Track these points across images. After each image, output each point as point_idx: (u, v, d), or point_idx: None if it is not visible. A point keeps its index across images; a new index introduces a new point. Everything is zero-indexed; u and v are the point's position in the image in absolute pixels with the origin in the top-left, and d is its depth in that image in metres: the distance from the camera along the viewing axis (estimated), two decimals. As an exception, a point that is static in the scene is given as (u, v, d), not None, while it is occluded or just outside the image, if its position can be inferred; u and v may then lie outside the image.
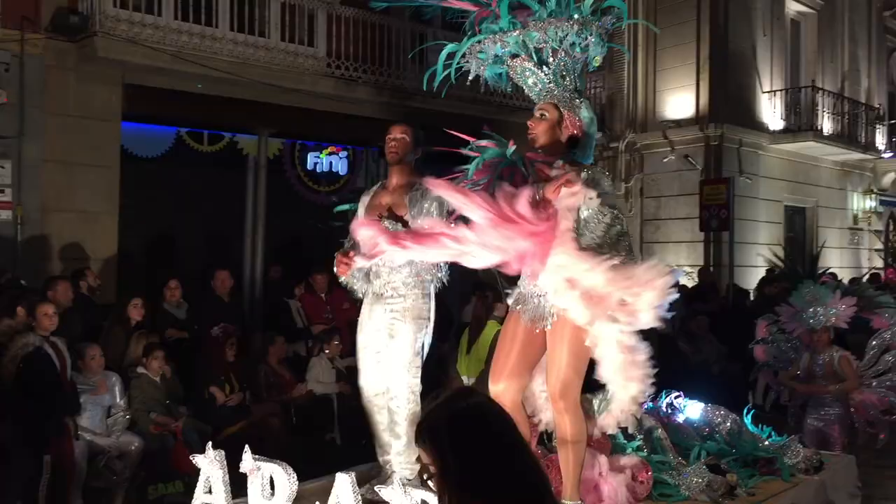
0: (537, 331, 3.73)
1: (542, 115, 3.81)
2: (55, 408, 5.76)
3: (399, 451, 4.22)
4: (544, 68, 3.89)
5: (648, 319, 3.49)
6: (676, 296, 3.55)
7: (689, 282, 14.88)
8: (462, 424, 1.91)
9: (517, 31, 3.89)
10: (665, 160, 16.30)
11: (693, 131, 15.98)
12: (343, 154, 11.55)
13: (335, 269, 4.40)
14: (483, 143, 4.09)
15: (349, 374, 7.65)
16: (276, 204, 10.87)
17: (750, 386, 7.47)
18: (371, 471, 4.47)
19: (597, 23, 3.90)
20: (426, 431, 1.95)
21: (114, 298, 9.16)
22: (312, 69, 10.50)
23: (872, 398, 6.30)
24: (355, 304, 4.67)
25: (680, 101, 16.30)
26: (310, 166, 11.30)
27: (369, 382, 4.38)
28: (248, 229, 10.66)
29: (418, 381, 4.23)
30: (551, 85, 3.86)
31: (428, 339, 4.30)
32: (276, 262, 10.19)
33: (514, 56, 3.99)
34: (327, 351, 7.83)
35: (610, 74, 16.72)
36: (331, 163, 11.44)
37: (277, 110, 10.37)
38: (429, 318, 4.27)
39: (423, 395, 4.27)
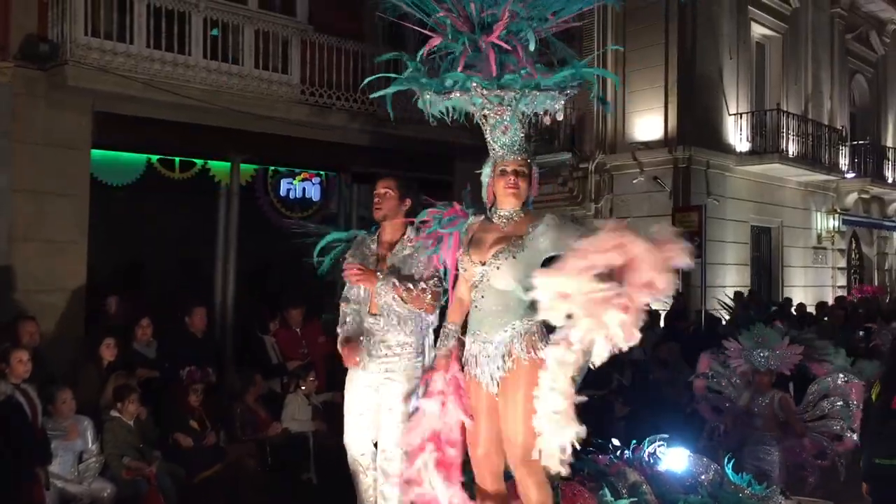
0: (495, 396, 3.70)
1: (523, 171, 3.77)
2: (26, 458, 5.62)
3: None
4: (522, 121, 3.84)
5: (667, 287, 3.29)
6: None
7: (661, 305, 15.04)
8: None
9: (507, 92, 3.80)
10: (634, 181, 16.45)
11: (662, 153, 16.16)
12: (316, 180, 11.48)
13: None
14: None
15: (325, 411, 7.59)
16: (249, 230, 10.76)
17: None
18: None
19: (571, 86, 3.87)
20: None
21: (83, 329, 9.02)
22: (286, 96, 10.42)
23: (805, 442, 6.49)
24: (329, 338, 4.63)
25: (649, 123, 16.47)
26: (283, 193, 11.22)
27: (355, 441, 4.33)
28: (219, 256, 10.53)
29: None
30: (524, 141, 3.82)
31: (419, 393, 4.21)
32: (248, 291, 10.09)
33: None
34: (303, 387, 7.75)
35: (579, 96, 16.82)
36: (304, 189, 11.36)
37: (250, 137, 10.27)
38: (420, 376, 4.21)
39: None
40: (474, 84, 3.76)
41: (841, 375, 6.76)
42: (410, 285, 4.09)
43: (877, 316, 13.93)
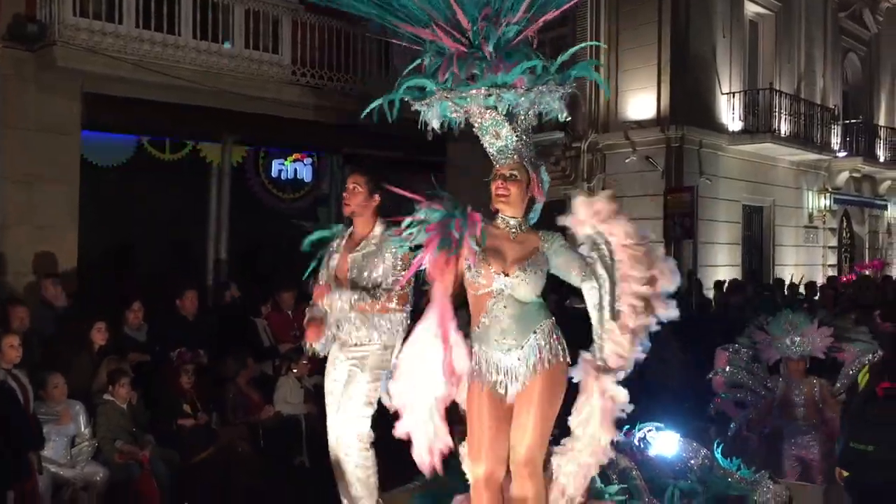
0: (505, 405, 3.64)
1: (512, 175, 3.66)
2: (19, 444, 5.63)
3: (358, 497, 4.27)
4: (514, 125, 3.68)
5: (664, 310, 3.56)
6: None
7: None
8: None
9: (494, 91, 3.70)
10: (627, 161, 16.46)
11: (654, 132, 16.15)
12: (308, 161, 11.43)
13: (305, 334, 4.41)
14: (428, 206, 3.88)
15: (318, 394, 7.60)
16: (240, 211, 10.74)
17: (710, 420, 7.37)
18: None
19: (567, 83, 3.79)
20: None
21: (75, 312, 8.98)
22: (277, 77, 10.37)
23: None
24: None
25: (641, 102, 16.44)
26: (274, 174, 11.17)
27: (330, 430, 4.38)
28: (211, 237, 10.53)
29: (367, 428, 4.24)
30: (519, 143, 3.67)
31: (384, 388, 4.13)
32: (239, 272, 10.07)
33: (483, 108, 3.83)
34: (295, 370, 7.75)
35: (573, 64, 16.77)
36: (295, 170, 11.31)
37: (241, 117, 10.22)
38: (388, 369, 4.15)
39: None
40: (436, 88, 3.64)
41: (870, 356, 6.58)
42: (369, 298, 4.12)
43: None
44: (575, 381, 3.64)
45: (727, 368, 6.77)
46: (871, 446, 4.74)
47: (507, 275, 3.61)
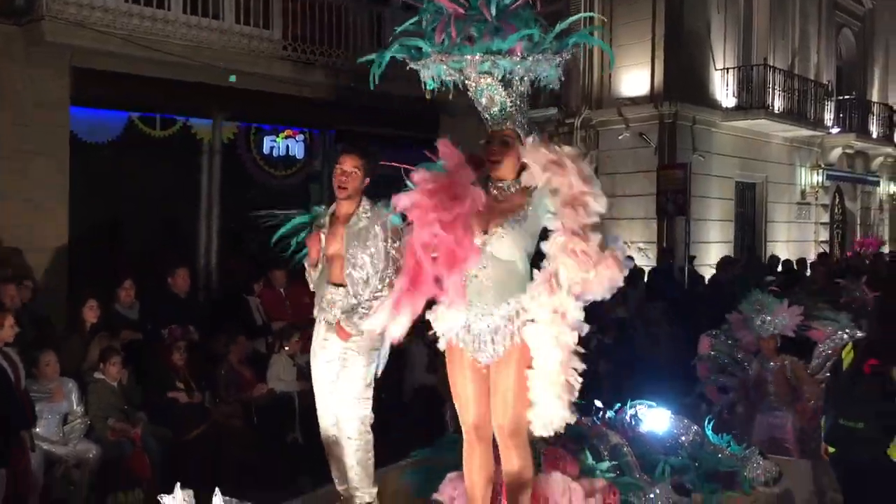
0: (481, 366, 3.66)
1: (505, 140, 3.64)
2: (10, 422, 5.62)
3: (357, 483, 4.23)
4: (510, 90, 3.67)
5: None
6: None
7: (644, 259, 15.11)
8: None
9: (490, 58, 3.71)
10: (620, 137, 16.40)
11: (648, 109, 16.09)
12: (300, 138, 11.35)
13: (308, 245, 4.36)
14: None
15: (310, 371, 7.60)
16: (232, 188, 10.68)
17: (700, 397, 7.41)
18: (334, 491, 4.46)
19: (565, 50, 3.77)
20: None
21: (66, 289, 8.98)
22: (268, 52, 10.28)
23: (819, 404, 6.48)
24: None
25: (635, 78, 16.35)
26: (265, 150, 11.09)
27: (322, 412, 4.36)
28: (202, 215, 10.48)
29: (369, 411, 4.23)
30: (513, 109, 3.66)
31: (381, 369, 4.29)
32: (232, 250, 10.04)
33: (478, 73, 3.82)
34: (287, 348, 7.76)
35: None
36: (287, 146, 11.24)
37: (232, 93, 10.14)
38: (381, 348, 4.25)
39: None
40: (432, 51, 3.62)
41: (845, 334, 6.66)
42: (364, 311, 4.08)
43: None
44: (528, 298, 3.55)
45: (710, 353, 6.84)
46: (860, 423, 4.77)
47: (485, 232, 3.59)
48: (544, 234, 3.64)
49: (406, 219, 3.69)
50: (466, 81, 3.70)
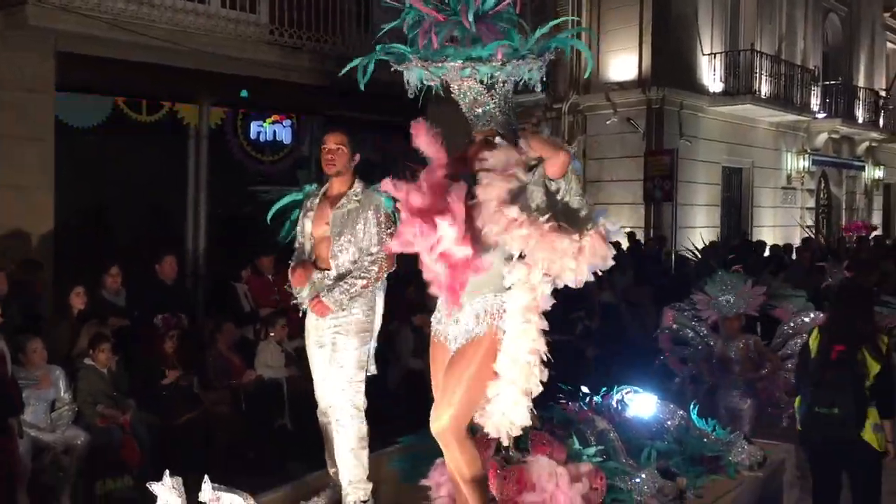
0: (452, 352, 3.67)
1: (491, 143, 3.64)
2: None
3: (350, 478, 4.16)
4: (492, 93, 3.73)
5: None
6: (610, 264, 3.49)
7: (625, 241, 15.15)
8: None
9: (470, 64, 3.65)
10: (608, 122, 16.45)
11: (636, 94, 16.13)
12: (287, 123, 11.30)
13: (290, 278, 4.37)
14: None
15: (299, 357, 7.62)
16: (219, 174, 10.63)
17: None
18: (323, 477, 4.49)
19: (548, 53, 3.80)
20: None
21: (52, 275, 8.92)
22: (255, 36, 10.21)
23: (778, 381, 6.65)
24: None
25: (623, 63, 16.38)
26: (253, 135, 11.03)
27: (320, 394, 4.36)
28: (189, 200, 10.42)
29: (362, 396, 4.19)
30: (496, 111, 3.72)
31: (372, 352, 4.29)
32: (219, 236, 10.00)
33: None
34: (273, 334, 7.77)
35: (554, 34, 16.66)
36: (275, 132, 11.17)
37: (219, 78, 10.07)
38: (372, 331, 4.26)
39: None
40: (414, 57, 3.70)
41: (810, 315, 6.84)
42: (347, 287, 4.06)
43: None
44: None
45: (673, 326, 7.01)
46: (835, 409, 4.90)
47: None
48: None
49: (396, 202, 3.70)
50: (449, 85, 3.77)
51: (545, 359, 3.58)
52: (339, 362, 4.15)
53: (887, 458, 5.02)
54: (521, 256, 3.51)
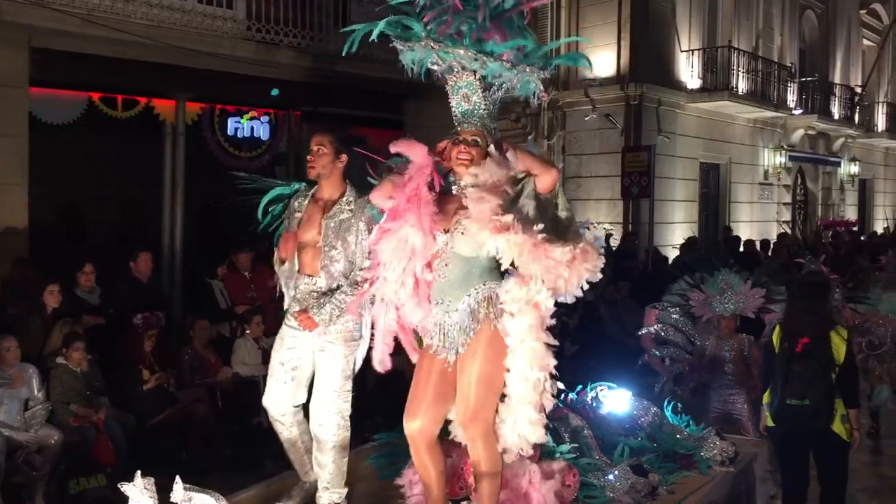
0: (447, 365, 3.67)
1: (475, 140, 3.65)
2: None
3: (327, 482, 4.09)
4: (486, 93, 3.72)
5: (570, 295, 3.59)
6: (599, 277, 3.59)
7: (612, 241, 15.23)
8: None
9: (481, 57, 3.61)
10: (587, 118, 16.48)
11: (614, 90, 16.18)
12: (265, 119, 11.25)
13: (276, 253, 4.27)
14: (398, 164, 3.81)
15: (276, 355, 7.61)
16: (196, 171, 10.57)
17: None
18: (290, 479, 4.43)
19: (549, 68, 3.79)
20: None
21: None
22: (231, 32, 10.16)
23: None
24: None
25: (601, 59, 16.41)
26: (230, 132, 10.97)
27: (276, 404, 4.15)
28: (166, 197, 10.35)
29: (349, 405, 4.08)
30: (484, 112, 3.71)
31: (360, 359, 4.17)
32: (196, 233, 9.95)
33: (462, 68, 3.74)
34: (248, 331, 7.76)
35: (533, 30, 16.69)
36: (252, 128, 11.12)
37: (195, 74, 10.00)
38: (360, 338, 4.11)
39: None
40: (424, 34, 3.65)
41: None
42: (337, 303, 3.97)
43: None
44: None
45: (656, 326, 6.96)
46: (805, 400, 5.00)
47: (445, 231, 3.64)
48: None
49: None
50: (447, 74, 3.75)
51: (554, 373, 3.64)
52: (328, 371, 4.02)
53: (853, 447, 5.21)
54: (508, 268, 3.56)
